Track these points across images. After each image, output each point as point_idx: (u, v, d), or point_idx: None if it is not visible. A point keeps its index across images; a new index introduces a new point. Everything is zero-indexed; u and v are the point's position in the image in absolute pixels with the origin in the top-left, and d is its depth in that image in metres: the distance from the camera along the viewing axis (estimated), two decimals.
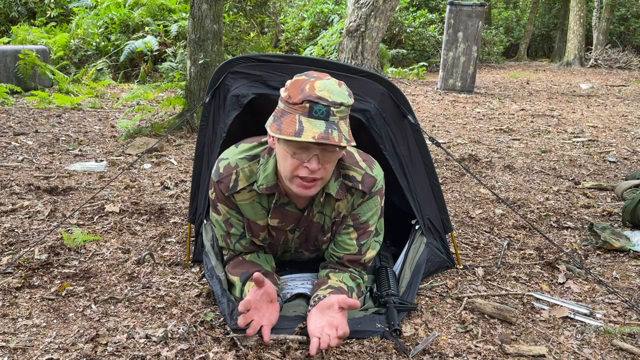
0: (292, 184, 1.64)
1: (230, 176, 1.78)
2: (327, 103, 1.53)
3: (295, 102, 1.55)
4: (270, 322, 1.66)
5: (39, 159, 3.98)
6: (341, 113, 1.57)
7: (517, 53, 20.77)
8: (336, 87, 1.58)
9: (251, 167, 1.78)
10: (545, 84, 11.50)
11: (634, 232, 2.73)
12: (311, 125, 1.52)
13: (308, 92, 1.54)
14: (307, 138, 1.50)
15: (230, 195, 1.80)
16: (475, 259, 2.46)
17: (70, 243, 2.38)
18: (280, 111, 1.61)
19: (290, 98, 1.56)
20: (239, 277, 1.84)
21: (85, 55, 9.66)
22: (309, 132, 1.51)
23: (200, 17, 4.86)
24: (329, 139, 1.51)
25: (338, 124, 1.55)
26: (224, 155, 1.84)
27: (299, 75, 1.63)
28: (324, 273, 1.88)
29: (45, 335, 1.69)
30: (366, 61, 9.29)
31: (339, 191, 1.79)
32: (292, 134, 1.52)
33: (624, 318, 1.95)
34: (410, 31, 13.66)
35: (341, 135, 1.54)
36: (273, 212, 1.81)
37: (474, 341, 1.75)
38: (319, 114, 1.53)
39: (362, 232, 1.86)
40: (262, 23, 14.19)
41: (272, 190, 1.76)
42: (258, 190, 1.77)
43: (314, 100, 1.53)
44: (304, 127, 1.52)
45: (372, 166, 1.84)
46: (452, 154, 4.30)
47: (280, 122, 1.57)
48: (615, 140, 5.52)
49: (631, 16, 19.95)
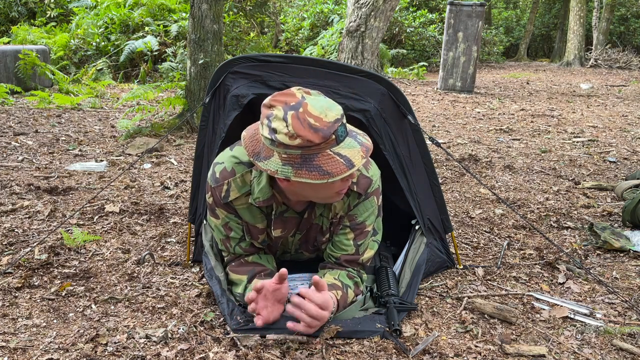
0: (329, 200, 1.68)
1: (222, 187, 1.76)
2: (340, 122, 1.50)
3: (318, 143, 1.45)
4: (268, 318, 1.66)
5: (39, 159, 3.98)
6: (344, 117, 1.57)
7: (517, 53, 20.77)
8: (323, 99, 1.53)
9: (244, 177, 1.75)
10: (545, 84, 11.50)
11: (634, 232, 2.73)
12: (348, 149, 1.50)
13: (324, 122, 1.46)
14: (358, 163, 1.49)
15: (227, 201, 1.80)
16: (475, 259, 2.46)
17: (70, 243, 2.38)
18: (298, 156, 1.47)
19: (313, 140, 1.44)
20: (247, 275, 1.84)
21: (85, 55, 9.67)
22: (356, 158, 1.49)
23: (200, 17, 4.86)
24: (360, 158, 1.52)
25: (352, 131, 1.58)
26: (219, 159, 1.81)
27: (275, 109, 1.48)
28: (322, 273, 1.88)
29: (45, 335, 1.69)
30: (366, 61, 9.29)
31: None
32: (343, 172, 1.47)
33: (624, 318, 1.95)
34: (410, 31, 13.66)
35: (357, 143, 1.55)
36: (275, 223, 1.80)
37: (474, 341, 1.75)
38: (342, 137, 1.51)
39: (359, 232, 1.86)
40: (262, 23, 14.19)
41: (269, 202, 1.74)
42: (255, 204, 1.75)
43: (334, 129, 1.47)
44: (347, 155, 1.49)
45: (367, 166, 1.84)
46: (452, 154, 4.31)
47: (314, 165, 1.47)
48: (615, 140, 5.52)
49: (631, 16, 19.95)
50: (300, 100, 1.48)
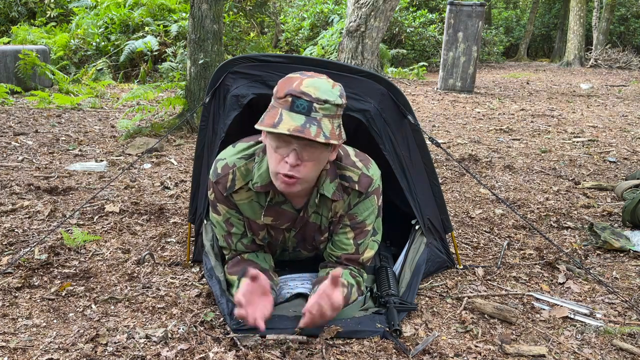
0: (276, 181, 1.65)
1: (228, 176, 1.79)
2: (310, 99, 1.54)
3: (280, 97, 1.57)
4: (263, 314, 1.65)
5: (39, 159, 3.98)
6: (325, 110, 1.56)
7: (517, 53, 20.76)
8: (325, 85, 1.58)
9: (247, 165, 1.79)
10: (545, 84, 11.50)
11: (634, 232, 2.73)
12: (290, 118, 1.53)
13: (295, 88, 1.56)
14: (282, 130, 1.51)
15: (229, 195, 1.81)
16: (475, 259, 2.46)
17: (70, 243, 2.38)
18: (270, 106, 1.63)
19: (277, 92, 1.59)
20: (237, 275, 1.84)
21: (85, 55, 9.66)
22: (285, 125, 1.51)
23: (200, 17, 4.86)
24: (304, 133, 1.50)
25: (320, 120, 1.55)
26: (221, 156, 1.84)
27: (294, 72, 1.65)
28: (325, 272, 1.88)
29: (45, 335, 1.69)
30: (366, 61, 9.29)
31: (335, 192, 1.78)
32: (269, 125, 1.53)
33: (624, 318, 1.95)
34: (410, 31, 13.65)
35: (319, 131, 1.53)
36: (267, 210, 1.81)
37: (474, 341, 1.75)
38: (300, 108, 1.54)
39: (359, 231, 1.86)
40: (262, 23, 14.19)
41: (267, 188, 1.77)
42: (253, 189, 1.77)
43: (296, 95, 1.54)
44: (282, 120, 1.53)
45: (368, 165, 1.84)
46: (452, 154, 4.31)
47: (265, 115, 1.60)
48: (615, 140, 5.52)
49: (631, 16, 19.95)
50: (313, 75, 1.61)
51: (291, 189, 1.65)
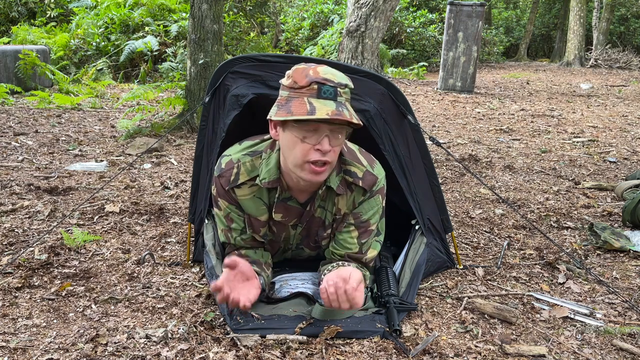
0: (302, 172, 1.64)
1: (232, 170, 1.80)
2: (334, 84, 1.57)
3: (303, 86, 1.57)
4: (248, 298, 1.65)
5: (39, 159, 3.98)
6: (346, 94, 1.61)
7: (517, 53, 20.76)
8: (336, 71, 1.64)
9: (253, 161, 1.80)
10: (545, 84, 11.50)
11: (634, 232, 2.73)
12: (322, 104, 1.55)
13: (314, 75, 1.57)
14: (322, 115, 1.52)
15: (230, 190, 1.81)
16: (475, 259, 2.46)
17: (70, 243, 2.38)
18: (285, 99, 1.62)
19: (296, 83, 1.59)
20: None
21: (85, 55, 9.66)
22: (322, 111, 1.53)
23: (200, 17, 4.86)
24: (342, 116, 1.54)
25: (345, 104, 1.59)
26: (226, 152, 1.86)
27: (298, 64, 1.67)
28: (330, 266, 1.87)
29: (45, 335, 1.69)
30: (366, 61, 9.29)
31: (339, 186, 1.80)
32: (305, 114, 1.53)
33: (624, 318, 1.95)
34: (410, 31, 13.66)
35: (352, 114, 1.59)
36: (276, 207, 1.82)
37: (474, 341, 1.75)
38: (327, 94, 1.56)
39: (363, 230, 1.86)
40: (262, 23, 14.18)
41: (275, 184, 1.78)
42: (261, 185, 1.78)
43: (321, 82, 1.56)
44: (315, 107, 1.54)
45: (373, 164, 1.85)
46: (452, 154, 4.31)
47: (289, 107, 1.58)
48: (615, 140, 5.52)
49: (631, 16, 19.95)
50: (319, 64, 1.66)
51: (320, 178, 1.66)
